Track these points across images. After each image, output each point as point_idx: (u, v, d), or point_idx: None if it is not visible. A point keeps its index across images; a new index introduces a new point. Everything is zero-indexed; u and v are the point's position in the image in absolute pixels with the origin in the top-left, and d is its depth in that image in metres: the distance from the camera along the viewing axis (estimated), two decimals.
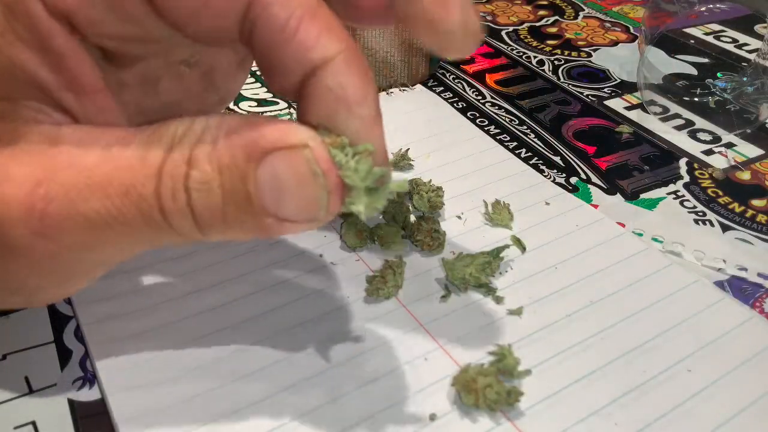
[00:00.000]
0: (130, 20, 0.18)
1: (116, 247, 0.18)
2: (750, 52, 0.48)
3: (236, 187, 0.17)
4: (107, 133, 0.17)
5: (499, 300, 0.25)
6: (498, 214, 0.29)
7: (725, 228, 0.31)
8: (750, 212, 0.32)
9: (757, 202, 0.33)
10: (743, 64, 0.46)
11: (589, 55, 0.47)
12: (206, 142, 0.17)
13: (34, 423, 0.21)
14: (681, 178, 0.34)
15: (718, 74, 0.44)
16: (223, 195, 0.17)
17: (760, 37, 0.50)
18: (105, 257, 0.19)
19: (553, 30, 0.51)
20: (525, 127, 0.38)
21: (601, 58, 0.47)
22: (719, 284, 0.27)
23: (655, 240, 0.30)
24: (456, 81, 0.43)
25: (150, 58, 0.21)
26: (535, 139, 0.37)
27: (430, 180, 0.30)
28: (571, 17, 0.54)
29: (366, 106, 0.19)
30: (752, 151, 0.37)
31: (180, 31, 0.18)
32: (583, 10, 0.55)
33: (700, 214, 0.32)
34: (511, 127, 0.38)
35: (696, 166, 0.36)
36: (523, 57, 0.47)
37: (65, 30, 0.17)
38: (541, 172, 0.34)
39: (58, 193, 0.17)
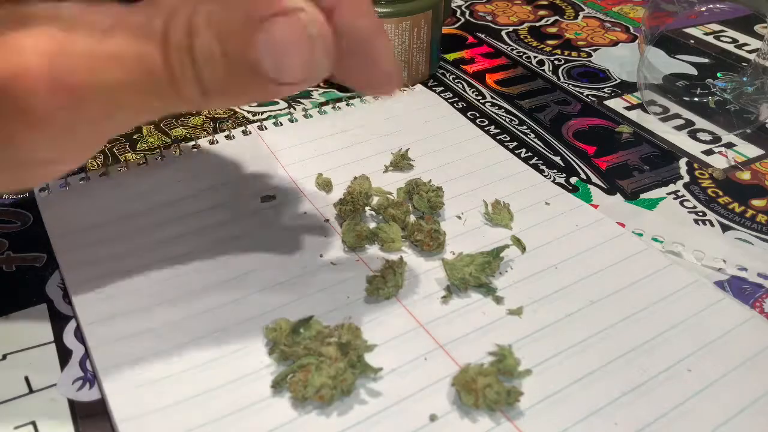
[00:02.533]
0: None
1: (129, 115, 0.19)
2: (750, 52, 0.48)
3: (238, 54, 0.17)
4: (105, 6, 0.18)
5: (498, 300, 0.25)
6: (498, 214, 0.29)
7: (725, 228, 0.31)
8: (750, 212, 0.32)
9: (757, 202, 0.33)
10: (743, 64, 0.46)
11: (589, 55, 0.47)
12: (202, 12, 0.17)
13: (34, 423, 0.21)
14: (681, 178, 0.34)
15: (718, 74, 0.44)
16: (226, 64, 0.18)
17: (760, 37, 0.50)
18: (117, 126, 0.19)
19: (553, 30, 0.51)
20: (525, 127, 0.38)
21: (601, 58, 0.47)
22: (719, 284, 0.27)
23: (655, 240, 0.30)
24: (456, 81, 0.43)
25: None
26: (535, 139, 0.37)
27: (430, 180, 0.30)
28: (571, 17, 0.54)
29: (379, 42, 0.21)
30: (752, 151, 0.37)
31: None
32: (583, 10, 0.55)
33: (700, 214, 0.32)
34: (511, 127, 0.38)
35: (696, 166, 0.36)
36: (523, 57, 0.47)
37: None
38: (541, 172, 0.34)
39: (77, 64, 0.17)
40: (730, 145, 0.38)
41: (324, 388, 0.21)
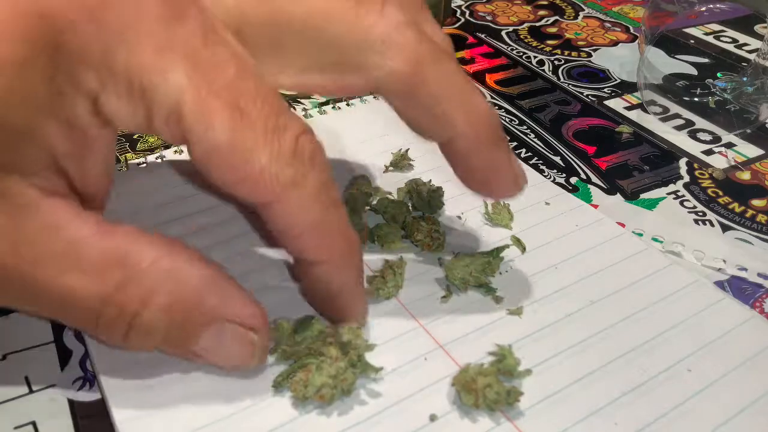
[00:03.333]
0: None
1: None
2: (750, 52, 0.48)
3: (179, 338, 0.19)
4: (83, 224, 0.18)
5: (498, 300, 0.25)
6: (498, 214, 0.29)
7: (725, 228, 0.31)
8: (750, 212, 0.32)
9: (757, 202, 0.33)
10: (743, 64, 0.46)
11: (589, 55, 0.47)
12: (163, 289, 0.18)
13: (34, 423, 0.21)
14: (681, 178, 0.34)
15: (718, 74, 0.44)
16: (163, 338, 0.19)
17: (760, 37, 0.50)
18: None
19: (553, 30, 0.51)
20: (525, 127, 0.38)
21: (601, 58, 0.47)
22: (719, 284, 0.27)
23: (655, 240, 0.30)
24: None
25: None
26: (535, 139, 0.37)
27: (430, 180, 0.30)
28: (571, 17, 0.54)
29: (345, 290, 0.23)
30: (752, 151, 0.37)
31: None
32: (583, 10, 0.55)
33: (700, 214, 0.32)
34: (511, 127, 0.38)
35: (696, 166, 0.36)
36: (523, 57, 0.47)
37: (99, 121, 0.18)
38: (541, 172, 0.34)
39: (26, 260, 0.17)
40: (730, 145, 0.38)
41: (324, 388, 0.21)
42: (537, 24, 0.52)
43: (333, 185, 0.20)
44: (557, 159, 0.35)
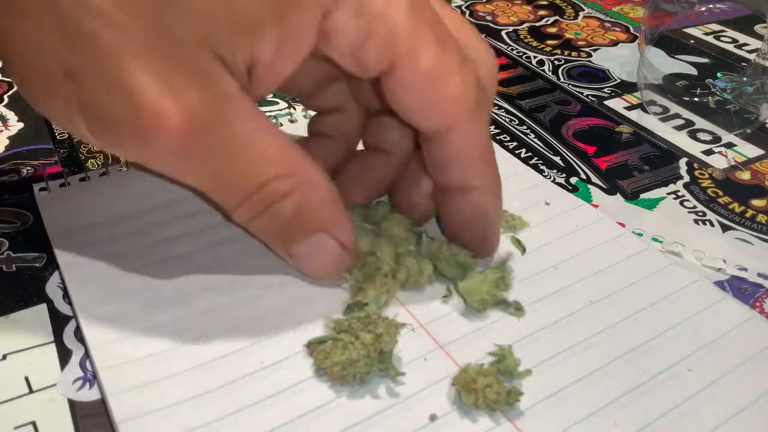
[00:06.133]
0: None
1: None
2: (750, 52, 0.48)
3: (289, 234, 0.23)
4: (261, 121, 0.21)
5: (520, 312, 0.25)
6: (514, 220, 0.29)
7: (725, 228, 0.31)
8: (750, 212, 0.32)
9: (757, 202, 0.33)
10: (743, 64, 0.46)
11: (589, 55, 0.47)
12: (302, 189, 0.22)
13: (34, 423, 0.21)
14: (681, 178, 0.34)
15: (718, 74, 0.44)
16: (279, 228, 0.22)
17: (760, 37, 0.50)
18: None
19: (553, 30, 0.51)
20: (525, 127, 0.38)
21: (601, 58, 0.47)
22: (719, 284, 0.27)
23: (655, 240, 0.30)
24: None
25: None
26: (535, 139, 0.37)
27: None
28: (571, 17, 0.54)
29: (494, 218, 0.26)
30: (752, 151, 0.37)
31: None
32: (583, 10, 0.55)
33: (700, 214, 0.32)
34: (511, 127, 0.38)
35: (696, 166, 0.36)
36: (523, 57, 0.47)
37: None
38: (541, 172, 0.34)
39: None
40: (730, 145, 0.38)
41: (337, 366, 0.21)
42: (537, 24, 0.52)
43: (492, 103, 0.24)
44: (557, 159, 0.35)
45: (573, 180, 0.34)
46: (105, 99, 0.19)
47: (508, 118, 0.39)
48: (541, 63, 0.46)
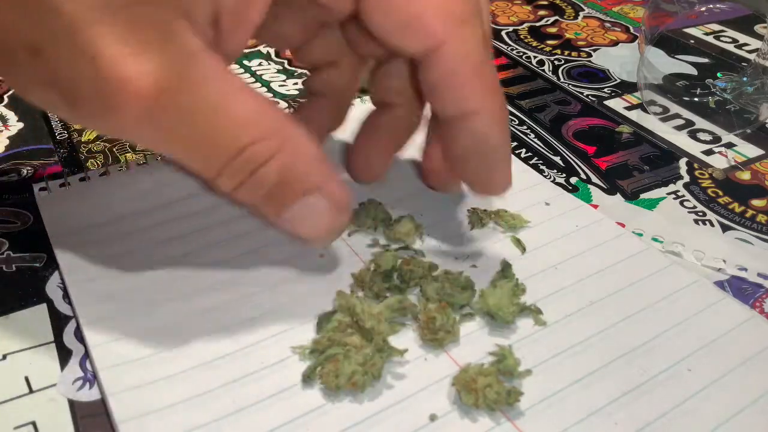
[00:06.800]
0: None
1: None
2: (750, 52, 0.48)
3: (278, 199, 0.21)
4: (233, 79, 0.19)
5: (540, 319, 0.25)
6: (513, 219, 0.29)
7: (725, 228, 0.31)
8: (750, 212, 0.32)
9: (757, 202, 0.33)
10: (743, 64, 0.46)
11: (589, 55, 0.47)
12: (285, 151, 0.20)
13: (34, 423, 0.21)
14: (681, 178, 0.34)
15: (718, 74, 0.44)
16: (266, 194, 0.21)
17: (760, 37, 0.50)
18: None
19: (553, 30, 0.51)
20: (525, 127, 0.38)
21: (601, 58, 0.47)
22: (719, 284, 0.27)
23: (655, 240, 0.30)
24: None
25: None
26: (535, 139, 0.37)
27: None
28: (571, 17, 0.54)
29: (501, 150, 0.23)
30: (752, 151, 0.37)
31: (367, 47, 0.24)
32: (583, 10, 0.55)
33: (700, 214, 0.32)
34: (511, 127, 0.38)
35: (696, 166, 0.36)
36: (523, 57, 0.47)
37: None
38: (541, 172, 0.34)
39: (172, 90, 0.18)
40: (730, 145, 0.38)
41: (356, 375, 0.21)
42: (537, 24, 0.52)
43: (490, 41, 0.21)
44: (557, 159, 0.35)
45: (573, 180, 0.34)
46: (71, 72, 0.18)
47: (509, 118, 0.39)
48: (541, 63, 0.46)
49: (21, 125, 0.36)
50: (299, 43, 0.27)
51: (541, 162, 0.35)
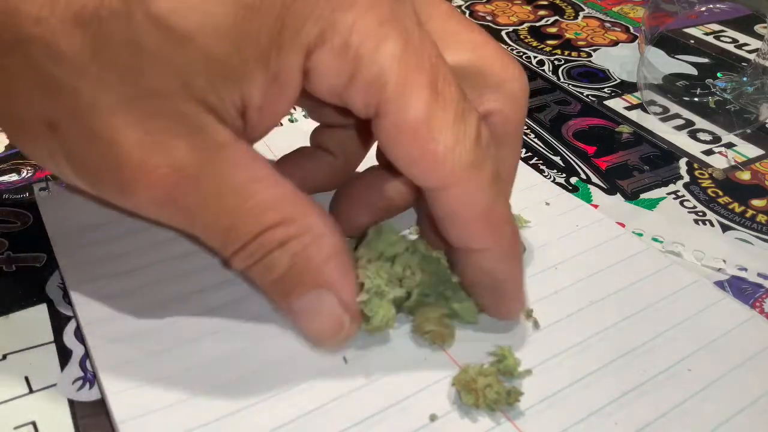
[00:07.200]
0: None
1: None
2: (750, 52, 0.48)
3: (288, 287, 0.21)
4: (260, 168, 0.20)
5: (536, 323, 0.25)
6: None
7: (725, 228, 0.31)
8: (750, 212, 0.32)
9: (757, 202, 0.33)
10: (743, 64, 0.46)
11: (589, 55, 0.47)
12: (302, 240, 0.20)
13: (34, 423, 0.21)
14: (681, 178, 0.34)
15: (718, 74, 0.44)
16: (276, 279, 0.20)
17: (760, 37, 0.50)
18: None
19: (553, 30, 0.51)
20: (525, 127, 0.38)
21: (601, 58, 0.47)
22: (719, 284, 0.27)
23: (655, 240, 0.30)
24: None
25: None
26: (535, 139, 0.37)
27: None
28: (571, 17, 0.54)
29: (510, 283, 0.23)
30: (752, 151, 0.37)
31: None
32: (583, 10, 0.55)
33: (700, 214, 0.32)
34: None
35: (696, 166, 0.36)
36: (523, 57, 0.47)
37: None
38: (541, 172, 0.34)
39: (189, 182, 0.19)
40: (730, 145, 0.38)
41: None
42: (537, 24, 0.52)
43: (500, 176, 0.21)
44: (557, 159, 0.35)
45: (573, 180, 0.34)
46: (87, 151, 0.18)
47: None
48: (541, 63, 0.46)
49: None
50: (311, 107, 0.27)
51: (541, 162, 0.35)
